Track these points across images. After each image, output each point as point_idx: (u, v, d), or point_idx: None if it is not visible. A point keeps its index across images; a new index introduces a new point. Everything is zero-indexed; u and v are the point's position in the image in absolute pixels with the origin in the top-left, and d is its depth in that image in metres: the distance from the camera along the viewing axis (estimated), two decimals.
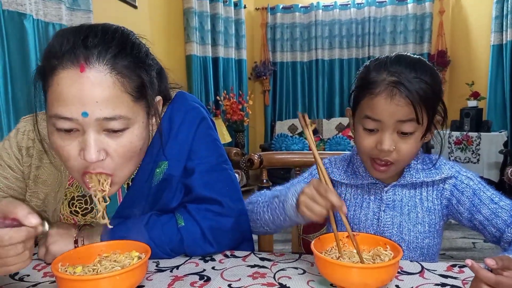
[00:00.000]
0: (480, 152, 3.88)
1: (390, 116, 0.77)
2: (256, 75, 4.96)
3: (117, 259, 0.69)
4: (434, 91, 0.78)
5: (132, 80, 0.67)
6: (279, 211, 0.79)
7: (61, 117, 0.64)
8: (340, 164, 0.95)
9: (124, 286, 0.64)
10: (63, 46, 0.64)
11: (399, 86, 0.76)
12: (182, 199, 0.84)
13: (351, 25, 4.73)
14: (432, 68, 0.80)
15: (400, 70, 0.77)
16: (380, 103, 0.77)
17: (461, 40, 4.48)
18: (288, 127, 4.81)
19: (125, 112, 0.67)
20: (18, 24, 2.08)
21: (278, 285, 0.68)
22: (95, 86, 0.63)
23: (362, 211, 0.90)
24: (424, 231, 0.86)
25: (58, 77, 0.64)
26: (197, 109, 0.86)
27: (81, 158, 0.66)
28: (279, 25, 4.92)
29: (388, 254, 0.68)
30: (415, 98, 0.75)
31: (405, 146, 0.79)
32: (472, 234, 2.96)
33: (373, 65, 0.82)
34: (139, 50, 0.70)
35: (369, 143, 0.81)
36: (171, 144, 0.81)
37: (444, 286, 0.66)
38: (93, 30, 0.67)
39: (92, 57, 0.64)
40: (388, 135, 0.78)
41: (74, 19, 2.46)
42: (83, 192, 0.84)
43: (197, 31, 3.99)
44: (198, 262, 0.79)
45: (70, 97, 0.63)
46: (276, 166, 1.29)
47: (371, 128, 0.80)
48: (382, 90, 0.77)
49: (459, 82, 4.43)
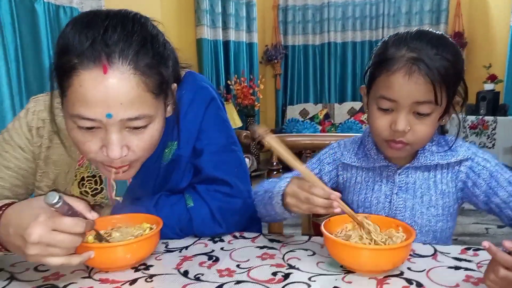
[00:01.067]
0: (495, 136, 3.79)
1: (407, 96, 0.73)
2: (267, 58, 4.91)
3: (129, 231, 0.71)
4: (456, 70, 0.73)
5: (154, 78, 0.66)
6: (270, 207, 0.77)
7: (84, 118, 0.63)
8: (350, 146, 0.92)
9: (139, 255, 0.67)
10: (82, 42, 0.61)
11: (419, 63, 0.71)
12: (191, 180, 0.84)
13: (365, 6, 4.62)
14: (455, 45, 0.76)
15: (421, 46, 0.73)
16: (397, 81, 0.73)
17: (479, 21, 4.33)
18: (299, 111, 4.77)
19: (147, 111, 0.66)
20: (29, 7, 2.08)
21: (287, 266, 0.67)
22: (119, 88, 0.62)
23: (373, 194, 0.88)
24: (437, 214, 0.84)
25: (79, 78, 0.61)
26: (207, 89, 0.85)
27: (103, 154, 0.67)
28: (291, 7, 4.83)
29: (400, 236, 0.66)
30: (436, 76, 0.71)
31: (421, 128, 0.76)
32: (485, 220, 2.92)
33: (392, 40, 0.78)
34: (158, 42, 0.68)
35: (384, 123, 0.78)
36: (180, 124, 0.80)
37: (458, 269, 0.64)
38: (111, 22, 0.63)
39: (114, 56, 0.62)
40: (404, 116, 0.75)
41: (85, 2, 2.45)
42: (93, 172, 0.85)
43: (208, 14, 3.94)
44: (207, 243, 0.79)
45: (94, 100, 0.62)
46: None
47: (386, 107, 0.76)
48: (400, 67, 0.73)
49: (476, 64, 4.30)
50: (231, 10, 4.22)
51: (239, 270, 0.66)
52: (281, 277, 0.63)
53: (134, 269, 0.67)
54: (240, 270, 0.66)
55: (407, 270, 0.64)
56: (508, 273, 0.52)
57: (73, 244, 0.59)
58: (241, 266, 0.68)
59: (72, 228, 0.58)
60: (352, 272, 0.64)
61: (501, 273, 0.53)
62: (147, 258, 0.71)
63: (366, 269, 0.63)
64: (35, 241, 0.56)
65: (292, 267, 0.66)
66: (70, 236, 0.58)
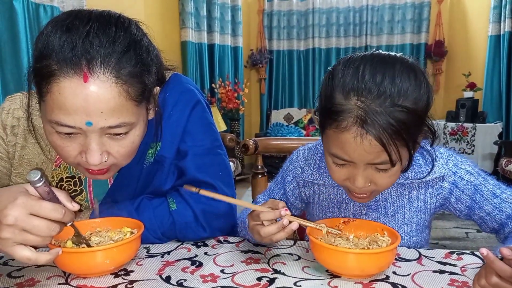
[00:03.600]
0: (475, 143, 3.89)
1: (360, 158, 0.64)
2: (252, 63, 4.91)
3: (108, 235, 0.69)
4: (416, 117, 0.62)
5: (136, 87, 0.65)
6: (246, 233, 0.76)
7: (63, 125, 0.62)
8: (311, 159, 0.83)
9: (119, 260, 0.65)
10: (62, 47, 0.59)
11: (367, 127, 0.61)
12: (175, 182, 0.83)
13: (348, 13, 4.68)
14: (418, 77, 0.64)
15: (372, 98, 0.61)
16: (348, 142, 0.63)
17: (458, 30, 4.45)
18: (283, 116, 4.79)
19: (128, 119, 0.65)
20: (7, 4, 2.03)
21: (272, 271, 0.66)
22: (100, 97, 0.60)
23: (341, 213, 0.81)
24: (411, 231, 0.79)
25: (59, 86, 0.59)
26: (192, 92, 0.83)
27: (82, 158, 0.66)
28: (276, 12, 4.85)
29: (386, 240, 0.66)
30: (387, 139, 0.61)
31: (382, 180, 0.68)
32: (465, 224, 2.98)
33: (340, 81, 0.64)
34: (141, 48, 0.66)
35: (341, 176, 0.70)
36: (164, 125, 0.79)
37: (442, 273, 0.64)
38: (93, 26, 0.61)
39: (95, 64, 0.60)
40: (361, 173, 0.66)
41: (66, 1, 2.40)
42: (73, 173, 0.82)
43: (193, 17, 3.92)
44: (190, 248, 0.77)
45: (74, 108, 0.60)
46: (271, 152, 1.27)
47: (342, 163, 0.68)
48: (349, 126, 0.62)
49: (456, 72, 4.41)
50: (216, 13, 4.22)
51: (223, 275, 0.64)
52: (266, 282, 0.61)
53: (114, 275, 0.65)
54: (224, 275, 0.64)
55: (392, 274, 0.64)
56: (500, 282, 0.52)
57: (50, 232, 0.57)
58: (225, 271, 0.66)
59: (50, 212, 0.56)
60: (337, 276, 0.63)
61: (493, 280, 0.53)
62: (127, 264, 0.68)
63: (352, 273, 0.62)
64: (11, 223, 0.54)
65: (277, 272, 0.65)
66: (48, 223, 0.56)
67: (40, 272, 0.66)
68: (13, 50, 2.06)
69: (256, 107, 5.14)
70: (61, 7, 2.36)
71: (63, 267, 0.64)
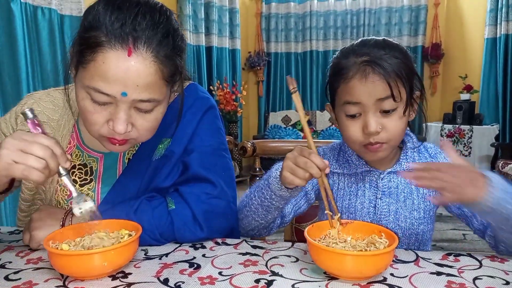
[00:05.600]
0: (471, 145, 3.90)
1: (368, 95, 0.76)
2: (250, 65, 4.92)
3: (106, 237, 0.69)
4: (406, 65, 0.77)
5: (170, 68, 0.71)
6: (265, 190, 0.79)
7: (101, 92, 0.68)
8: (330, 153, 0.93)
9: (117, 263, 0.64)
10: (113, 22, 0.66)
11: (371, 64, 0.75)
12: (178, 178, 0.85)
13: (346, 16, 4.70)
14: (399, 45, 0.81)
15: (369, 50, 0.77)
16: (356, 85, 0.76)
17: (455, 33, 4.47)
18: (281, 118, 4.79)
19: (157, 96, 0.71)
20: (5, 7, 2.02)
21: (270, 273, 0.66)
22: (139, 72, 0.67)
23: (357, 199, 0.88)
24: (419, 217, 0.86)
25: (104, 55, 0.66)
26: (206, 99, 0.90)
27: (108, 127, 0.71)
28: (274, 15, 4.86)
29: (383, 242, 0.66)
30: (389, 73, 0.75)
31: (391, 124, 0.78)
32: (462, 226, 2.99)
33: (341, 53, 0.83)
34: (178, 36, 0.73)
35: (356, 129, 0.79)
36: (177, 123, 0.84)
37: (439, 275, 0.64)
38: (142, 9, 0.68)
39: (140, 42, 0.66)
40: (372, 117, 0.77)
41: (64, 4, 2.40)
42: (85, 161, 0.87)
43: (191, 19, 3.93)
44: (188, 250, 0.77)
45: (114, 78, 0.66)
46: (269, 154, 1.27)
47: (353, 113, 0.79)
48: (355, 72, 0.77)
49: (452, 75, 4.43)
50: (214, 16, 4.22)
51: (221, 277, 0.64)
52: (264, 284, 0.62)
53: (112, 278, 0.65)
54: (222, 277, 0.64)
55: (390, 276, 0.64)
56: None
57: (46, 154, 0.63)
58: (223, 273, 0.66)
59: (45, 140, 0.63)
60: (335, 278, 0.63)
61: None
62: (125, 266, 0.68)
63: (350, 275, 0.63)
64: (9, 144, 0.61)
65: (275, 274, 0.65)
66: (43, 147, 0.63)
67: (38, 275, 0.66)
68: (10, 52, 2.05)
69: (254, 110, 5.14)
70: (59, 10, 2.35)
71: (61, 270, 0.64)
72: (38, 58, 2.22)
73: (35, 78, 2.18)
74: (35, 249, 0.77)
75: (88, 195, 0.85)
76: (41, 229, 0.75)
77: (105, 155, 0.87)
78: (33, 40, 2.18)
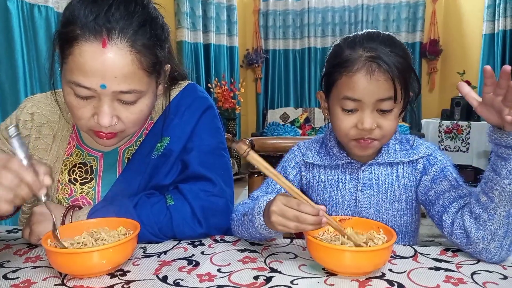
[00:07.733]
0: (469, 141, 3.90)
1: (371, 94, 0.75)
2: (248, 62, 4.91)
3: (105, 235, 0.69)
4: (408, 64, 0.77)
5: (149, 58, 0.71)
6: (253, 230, 0.74)
7: (80, 85, 0.68)
8: (312, 146, 0.93)
9: (115, 261, 0.65)
10: (86, 16, 0.67)
11: (378, 61, 0.73)
12: (177, 176, 0.85)
13: (344, 13, 4.69)
14: (402, 43, 0.80)
15: (376, 46, 0.75)
16: (360, 81, 0.74)
17: (453, 29, 4.47)
18: (280, 115, 4.78)
19: (139, 87, 0.71)
20: (2, 5, 2.01)
21: (269, 269, 0.66)
22: (115, 63, 0.67)
23: (338, 192, 0.88)
24: (401, 209, 0.85)
25: (80, 48, 0.67)
26: (205, 99, 0.91)
27: (94, 120, 0.72)
28: (272, 11, 4.85)
29: (382, 238, 0.66)
30: (395, 72, 0.73)
31: (385, 123, 0.78)
32: None
33: (345, 43, 0.80)
34: (156, 25, 0.73)
35: (349, 123, 0.78)
36: (175, 122, 0.85)
37: (438, 270, 0.65)
38: (116, 0, 0.68)
39: (114, 33, 0.67)
40: (369, 114, 0.76)
41: (60, 1, 2.38)
42: (85, 160, 0.87)
43: (188, 17, 3.91)
44: (186, 247, 0.77)
45: (92, 70, 0.67)
46: (268, 151, 1.27)
47: (351, 108, 0.78)
48: (360, 67, 0.74)
49: (450, 71, 4.43)
50: (211, 13, 4.21)
51: (220, 274, 0.65)
52: (263, 280, 0.62)
53: (110, 275, 0.65)
54: (221, 274, 0.65)
55: (388, 272, 0.64)
56: None
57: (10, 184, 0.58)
58: (222, 270, 0.66)
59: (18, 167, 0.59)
60: (334, 274, 0.64)
61: None
62: (124, 264, 0.68)
63: (348, 271, 0.63)
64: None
65: (274, 271, 0.65)
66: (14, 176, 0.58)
67: (36, 273, 0.66)
68: (7, 50, 2.04)
69: (252, 107, 5.14)
70: (56, 8, 2.34)
71: (59, 268, 0.64)
72: (35, 56, 2.20)
73: (32, 76, 2.17)
74: (34, 245, 0.77)
75: (88, 194, 0.86)
76: (41, 223, 0.75)
77: (105, 154, 0.87)
78: (30, 38, 2.17)
